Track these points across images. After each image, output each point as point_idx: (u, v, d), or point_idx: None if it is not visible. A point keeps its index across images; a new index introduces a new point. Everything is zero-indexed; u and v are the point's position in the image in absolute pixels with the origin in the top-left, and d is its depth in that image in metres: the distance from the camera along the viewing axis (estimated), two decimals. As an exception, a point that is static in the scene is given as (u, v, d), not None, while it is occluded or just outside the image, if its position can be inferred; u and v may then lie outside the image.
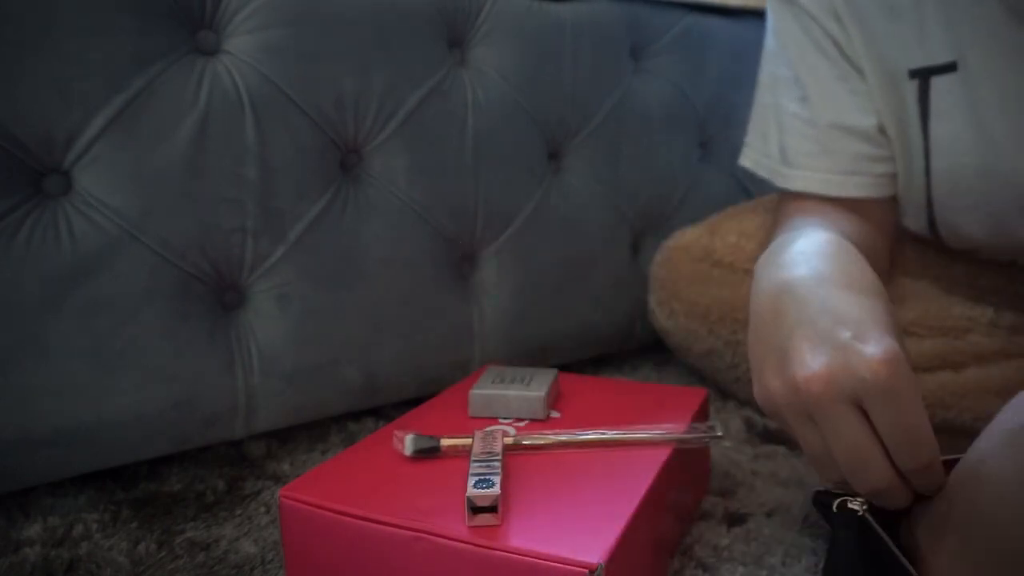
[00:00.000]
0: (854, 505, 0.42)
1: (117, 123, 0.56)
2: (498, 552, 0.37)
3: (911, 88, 0.61)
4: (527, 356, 0.80)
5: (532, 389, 0.53)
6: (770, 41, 0.70)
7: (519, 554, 0.36)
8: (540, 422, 0.52)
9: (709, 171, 0.97)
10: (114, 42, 0.55)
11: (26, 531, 0.52)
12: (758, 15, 0.69)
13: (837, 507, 0.42)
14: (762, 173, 0.71)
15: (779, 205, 0.71)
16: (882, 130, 0.64)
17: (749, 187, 0.97)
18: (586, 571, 0.35)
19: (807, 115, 0.66)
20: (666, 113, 0.91)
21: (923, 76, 0.60)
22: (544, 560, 0.36)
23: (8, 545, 0.51)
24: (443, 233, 0.73)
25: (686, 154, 0.95)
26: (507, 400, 0.53)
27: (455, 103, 0.73)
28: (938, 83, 0.59)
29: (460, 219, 0.74)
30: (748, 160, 0.73)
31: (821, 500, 0.44)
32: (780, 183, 0.69)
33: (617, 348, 0.90)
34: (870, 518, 0.41)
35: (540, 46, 0.78)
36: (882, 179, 0.65)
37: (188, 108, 0.58)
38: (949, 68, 0.58)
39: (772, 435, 0.69)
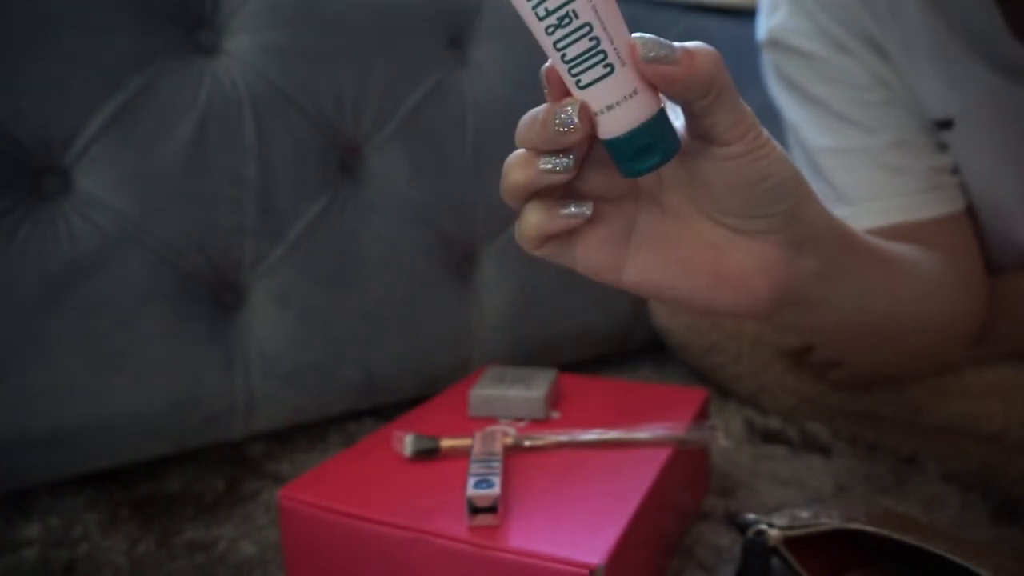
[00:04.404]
0: (772, 534, 0.41)
1: (116, 123, 0.55)
2: (498, 552, 0.36)
3: None
4: (527, 356, 0.80)
5: (532, 389, 0.53)
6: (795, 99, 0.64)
7: (519, 554, 0.36)
8: (540, 422, 0.52)
9: (709, 171, 0.97)
10: (113, 41, 0.55)
11: (25, 532, 0.52)
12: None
13: (754, 533, 0.41)
14: None
15: None
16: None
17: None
18: (586, 571, 0.35)
19: (865, 143, 0.60)
20: (666, 113, 0.91)
21: None
22: (544, 560, 0.35)
23: (7, 546, 0.51)
24: (443, 233, 0.73)
25: (686, 154, 0.94)
26: (507, 400, 0.52)
27: (455, 103, 0.73)
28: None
29: (460, 219, 0.74)
30: None
31: (739, 524, 0.43)
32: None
33: (617, 348, 0.90)
34: (784, 549, 0.40)
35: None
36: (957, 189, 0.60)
37: (187, 108, 0.58)
38: (946, 125, 0.58)
39: (772, 435, 0.69)
